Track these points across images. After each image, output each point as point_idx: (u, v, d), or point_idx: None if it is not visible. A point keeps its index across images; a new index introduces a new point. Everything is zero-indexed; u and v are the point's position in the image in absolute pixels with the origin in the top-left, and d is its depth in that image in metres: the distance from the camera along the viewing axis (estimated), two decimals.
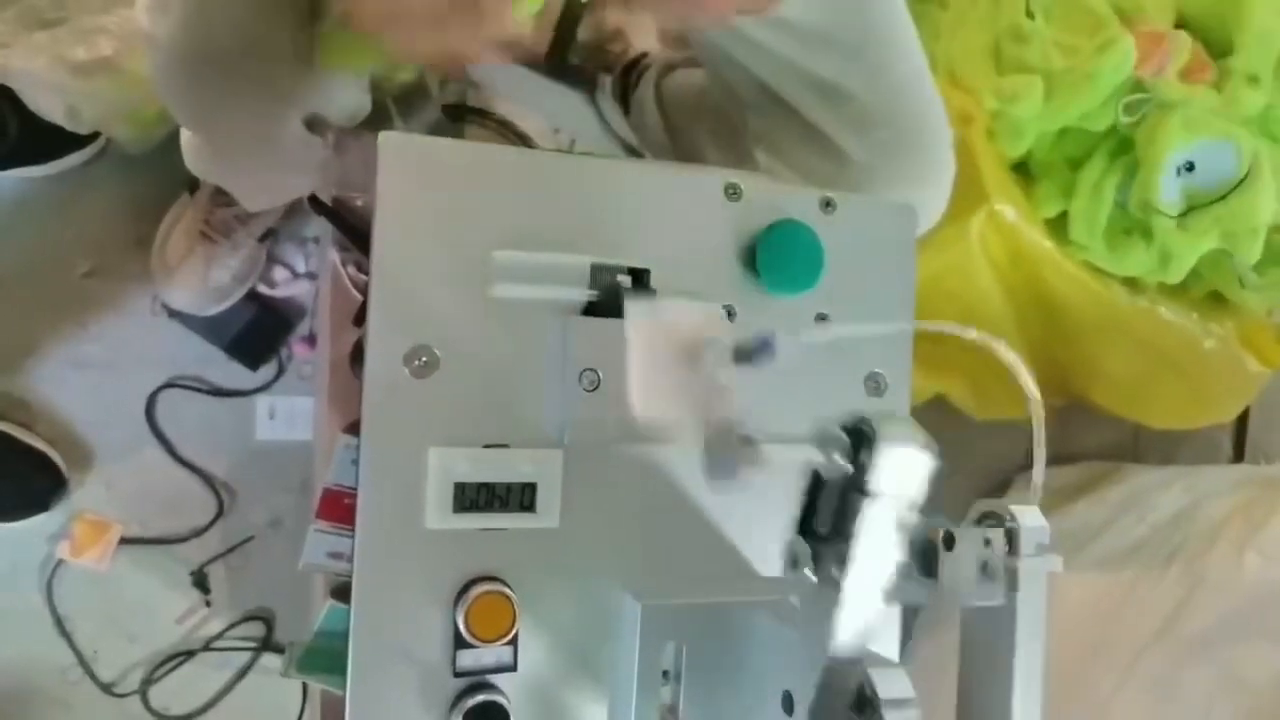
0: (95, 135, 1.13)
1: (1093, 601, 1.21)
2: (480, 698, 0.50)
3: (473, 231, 0.53)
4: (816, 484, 0.45)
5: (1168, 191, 1.12)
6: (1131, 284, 1.24)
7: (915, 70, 0.75)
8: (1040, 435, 0.43)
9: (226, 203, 1.14)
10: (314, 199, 0.74)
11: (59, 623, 1.15)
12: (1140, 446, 1.46)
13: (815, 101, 0.73)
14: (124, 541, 1.16)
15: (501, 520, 0.52)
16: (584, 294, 0.55)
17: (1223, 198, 1.14)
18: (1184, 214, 1.14)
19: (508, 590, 0.51)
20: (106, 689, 1.16)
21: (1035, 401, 0.43)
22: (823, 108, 0.73)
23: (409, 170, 0.51)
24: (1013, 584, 0.41)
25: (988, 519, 0.44)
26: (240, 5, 0.61)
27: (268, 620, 1.21)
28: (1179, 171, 1.12)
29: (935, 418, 1.32)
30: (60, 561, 1.14)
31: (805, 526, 0.45)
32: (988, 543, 0.42)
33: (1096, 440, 1.53)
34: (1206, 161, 1.12)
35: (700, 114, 1.04)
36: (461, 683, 0.51)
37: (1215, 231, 1.15)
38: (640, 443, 0.55)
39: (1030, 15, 1.18)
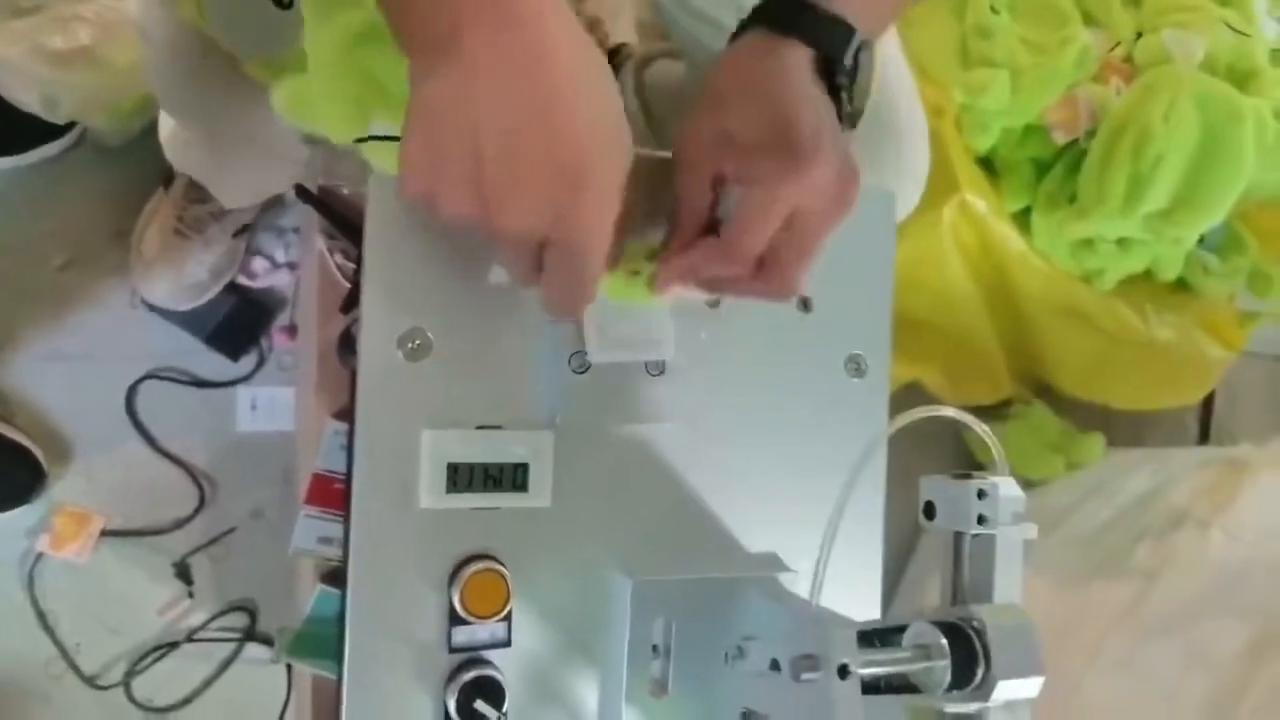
0: (71, 125, 1.12)
1: (1062, 582, 1.24)
2: (475, 673, 0.51)
3: None
4: None
5: None
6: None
7: (892, 61, 0.76)
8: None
9: (200, 199, 1.14)
10: (301, 188, 0.74)
11: (40, 616, 1.14)
12: (1109, 430, 1.49)
13: None
14: (105, 534, 1.16)
15: (495, 500, 0.53)
16: None
17: None
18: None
19: (501, 568, 0.53)
20: (89, 681, 1.15)
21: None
22: None
23: None
24: (989, 550, 0.43)
25: None
26: None
27: (251, 611, 1.22)
28: None
29: (910, 403, 1.34)
30: (41, 554, 1.13)
31: None
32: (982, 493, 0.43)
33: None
34: None
35: (681, 105, 1.05)
36: (456, 658, 0.52)
37: (1148, 256, 1.25)
38: (630, 423, 0.56)
39: (995, 11, 1.20)
